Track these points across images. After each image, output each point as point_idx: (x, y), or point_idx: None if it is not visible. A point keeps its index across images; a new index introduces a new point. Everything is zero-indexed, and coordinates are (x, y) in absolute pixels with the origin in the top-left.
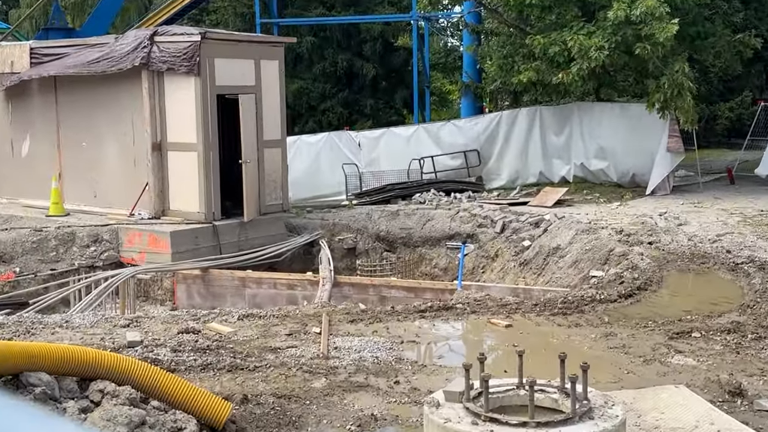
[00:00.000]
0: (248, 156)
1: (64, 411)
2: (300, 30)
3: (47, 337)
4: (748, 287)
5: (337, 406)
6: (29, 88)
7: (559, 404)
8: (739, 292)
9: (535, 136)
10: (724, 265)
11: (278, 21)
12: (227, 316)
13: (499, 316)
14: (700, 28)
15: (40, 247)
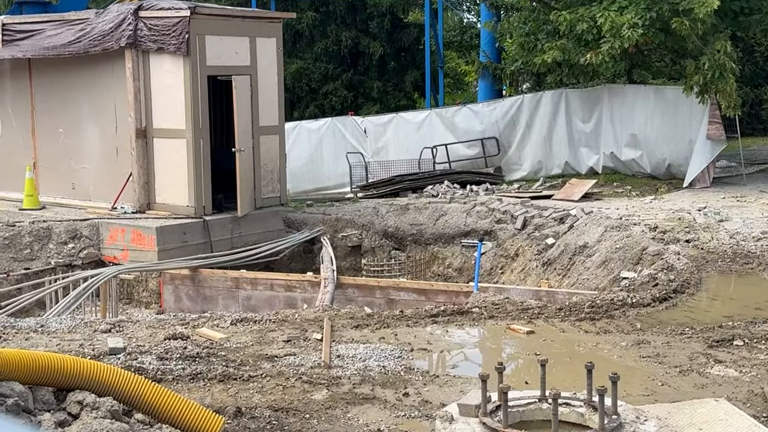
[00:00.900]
0: (242, 144)
1: (39, 424)
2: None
3: (20, 343)
4: None
5: (340, 421)
6: (1, 66)
7: (585, 419)
8: None
9: (561, 122)
10: None
11: None
12: (219, 321)
13: (520, 321)
14: (744, 3)
15: (12, 244)
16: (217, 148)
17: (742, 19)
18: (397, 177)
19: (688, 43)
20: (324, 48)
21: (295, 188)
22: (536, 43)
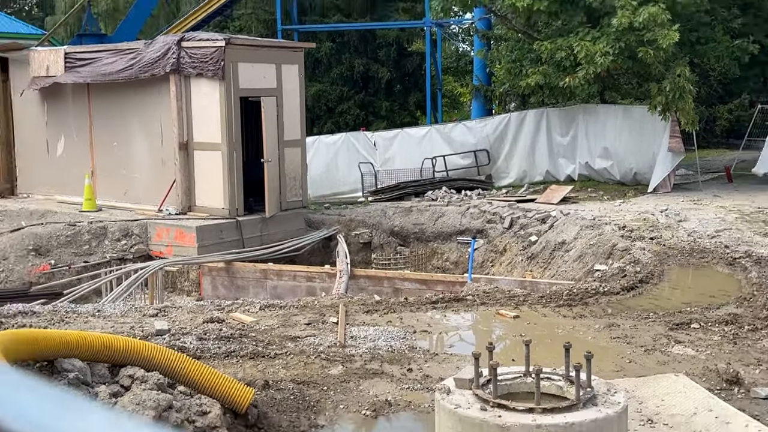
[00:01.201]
0: (270, 155)
1: (96, 395)
2: (319, 36)
3: (80, 325)
4: (745, 281)
5: (353, 392)
6: (64, 90)
7: (564, 391)
8: (736, 286)
9: (542, 136)
10: (722, 260)
11: (298, 27)
12: (250, 307)
13: (507, 307)
14: (701, 34)
15: (74, 241)
16: (248, 159)
17: (698, 47)
18: (402, 183)
19: (652, 69)
20: (339, 73)
21: (315, 193)
22: (521, 69)
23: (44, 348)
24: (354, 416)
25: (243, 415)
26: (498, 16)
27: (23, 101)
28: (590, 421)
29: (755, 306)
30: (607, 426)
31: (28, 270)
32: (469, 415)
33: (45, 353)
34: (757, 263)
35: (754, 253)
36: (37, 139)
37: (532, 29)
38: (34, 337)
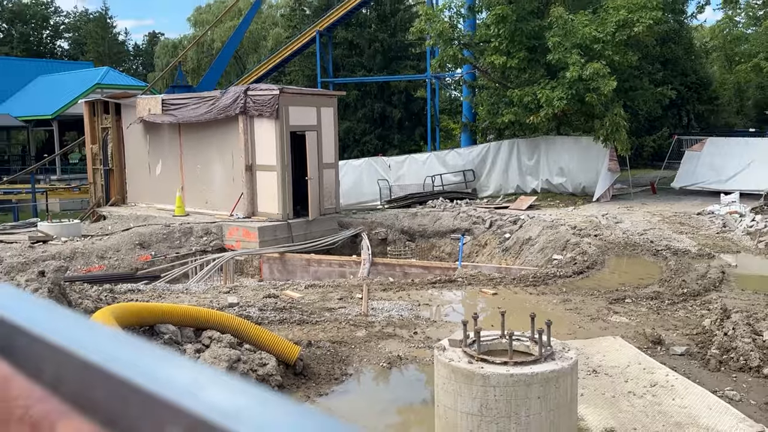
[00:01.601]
0: (312, 174)
1: (185, 351)
2: (348, 86)
3: (173, 300)
4: (666, 267)
5: (373, 349)
6: (161, 127)
7: (530, 349)
8: (658, 271)
9: (514, 159)
10: (648, 251)
11: (333, 80)
12: (297, 286)
13: (488, 287)
14: (632, 83)
15: (168, 237)
16: (296, 177)
17: (631, 93)
18: (409, 195)
19: (595, 109)
20: (363, 114)
21: (345, 202)
22: (498, 110)
23: (146, 316)
24: (374, 367)
25: (292, 366)
26: (480, 71)
27: (132, 135)
28: (549, 372)
29: (673, 286)
30: (562, 375)
31: (135, 259)
32: (459, 366)
33: (147, 320)
34: (675, 254)
35: (672, 246)
36: (142, 162)
37: (506, 80)
38: (139, 309)
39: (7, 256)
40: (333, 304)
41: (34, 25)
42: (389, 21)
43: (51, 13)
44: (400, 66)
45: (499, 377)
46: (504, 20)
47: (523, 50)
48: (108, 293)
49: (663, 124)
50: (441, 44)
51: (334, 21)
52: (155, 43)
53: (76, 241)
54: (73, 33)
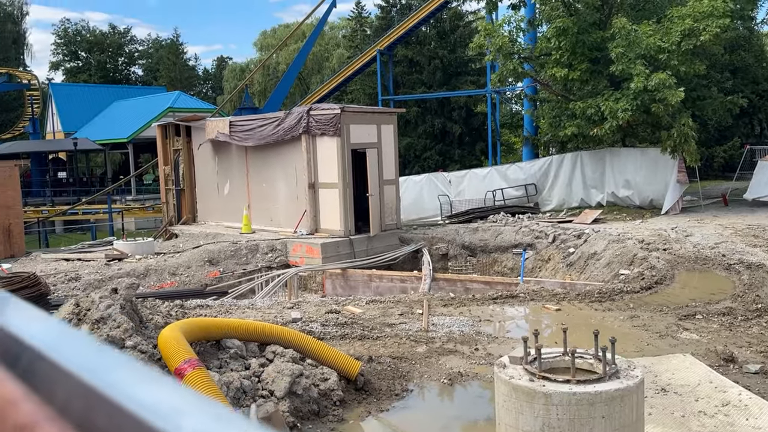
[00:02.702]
0: (373, 191)
1: (249, 366)
2: (408, 103)
3: (239, 315)
4: (739, 282)
5: (434, 365)
6: (229, 147)
7: (594, 367)
8: (731, 285)
9: (577, 173)
10: (720, 265)
11: (393, 97)
12: (358, 301)
13: (551, 302)
14: (700, 92)
15: (235, 254)
16: (357, 194)
17: (699, 103)
18: (470, 210)
19: (662, 120)
20: (424, 130)
21: (406, 218)
22: (560, 123)
23: (213, 331)
24: (435, 383)
25: (353, 381)
26: (541, 84)
27: (201, 156)
28: (614, 390)
29: (746, 301)
30: (627, 394)
31: (204, 275)
32: (520, 384)
33: (213, 335)
34: (748, 268)
35: (745, 260)
36: (211, 182)
37: (568, 93)
38: (206, 324)
39: (84, 274)
40: (394, 319)
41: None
42: (449, 37)
43: (126, 41)
44: (460, 82)
45: (562, 396)
46: (565, 33)
47: (585, 62)
48: (178, 309)
49: (734, 133)
50: (501, 59)
51: (394, 40)
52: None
53: (150, 258)
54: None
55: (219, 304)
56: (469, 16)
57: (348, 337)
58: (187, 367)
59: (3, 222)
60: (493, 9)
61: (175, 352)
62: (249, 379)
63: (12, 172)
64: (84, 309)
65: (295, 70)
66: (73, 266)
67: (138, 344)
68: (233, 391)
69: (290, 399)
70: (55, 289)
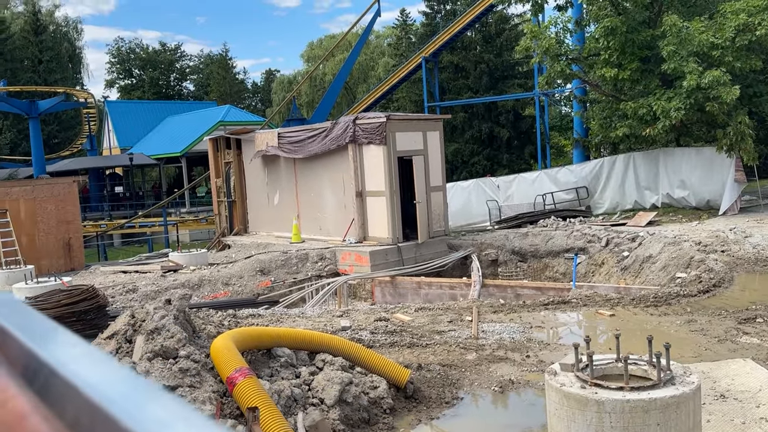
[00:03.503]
0: (420, 198)
1: (299, 374)
2: (455, 108)
3: (290, 324)
4: None
5: (484, 373)
6: (278, 158)
7: (648, 373)
8: None
9: (630, 174)
10: None
11: (440, 104)
12: (407, 309)
13: (605, 308)
14: (756, 89)
15: (286, 263)
16: (404, 201)
17: (756, 99)
18: (519, 215)
19: (717, 118)
20: (470, 135)
21: (455, 224)
22: (611, 124)
23: (264, 340)
24: (486, 391)
25: (403, 389)
26: (590, 85)
27: (252, 168)
28: (669, 397)
29: None
30: (683, 401)
31: (256, 285)
32: (571, 392)
33: (265, 344)
34: None
35: None
36: (261, 193)
37: (619, 93)
38: (258, 333)
39: (141, 285)
40: (443, 326)
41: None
42: (495, 41)
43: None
44: (506, 85)
45: (615, 403)
46: (613, 32)
47: (636, 61)
48: (231, 318)
49: None
50: (548, 61)
51: (439, 46)
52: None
53: (204, 269)
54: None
55: (270, 313)
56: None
57: (397, 344)
58: (238, 376)
59: (63, 236)
60: (539, 11)
61: (226, 362)
62: (299, 387)
63: (71, 188)
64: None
65: (342, 80)
66: (130, 278)
67: (191, 354)
68: (284, 399)
69: (340, 407)
70: (114, 301)
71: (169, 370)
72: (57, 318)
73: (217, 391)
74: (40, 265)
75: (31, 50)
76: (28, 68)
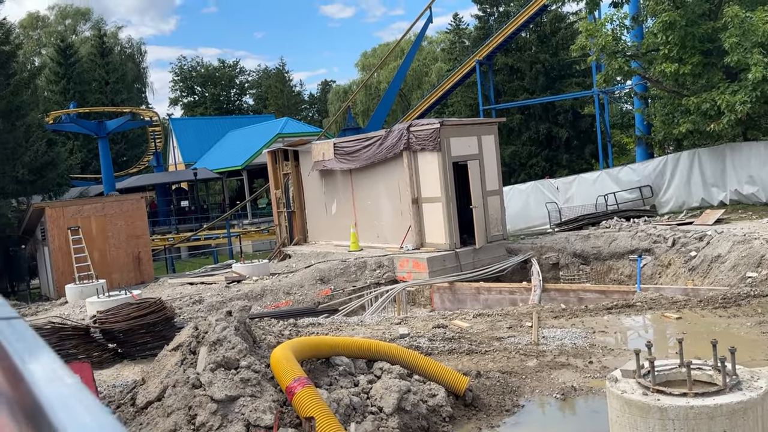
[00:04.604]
0: (476, 202)
1: (358, 383)
2: (511, 110)
3: (349, 332)
4: None
5: (545, 380)
6: (333, 170)
7: (713, 379)
8: None
9: (696, 171)
10: None
11: (495, 106)
12: (465, 315)
13: (671, 311)
14: None
15: (345, 272)
16: (461, 206)
17: None
18: (580, 216)
19: None
20: (528, 137)
21: (513, 227)
22: (673, 120)
23: (322, 349)
24: (547, 398)
25: (461, 397)
26: (651, 81)
27: (309, 178)
28: (735, 403)
29: None
30: (750, 406)
31: (316, 293)
32: (633, 398)
33: (323, 353)
34: None
35: None
36: (319, 203)
37: (681, 88)
38: (316, 343)
39: (207, 296)
40: (502, 333)
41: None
42: (550, 41)
43: (237, 73)
44: (564, 85)
45: (678, 410)
46: (672, 26)
47: (697, 55)
48: (291, 327)
49: None
50: (605, 58)
51: (493, 48)
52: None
53: (266, 279)
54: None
55: (329, 321)
56: (570, 17)
57: (455, 351)
58: (297, 386)
59: (133, 251)
60: (593, 8)
61: (285, 372)
62: (358, 396)
63: (139, 204)
64: (202, 332)
65: (395, 87)
66: (196, 289)
67: (251, 364)
68: (343, 408)
69: (399, 415)
70: (181, 312)
71: (231, 381)
72: (127, 330)
73: (277, 400)
74: (112, 279)
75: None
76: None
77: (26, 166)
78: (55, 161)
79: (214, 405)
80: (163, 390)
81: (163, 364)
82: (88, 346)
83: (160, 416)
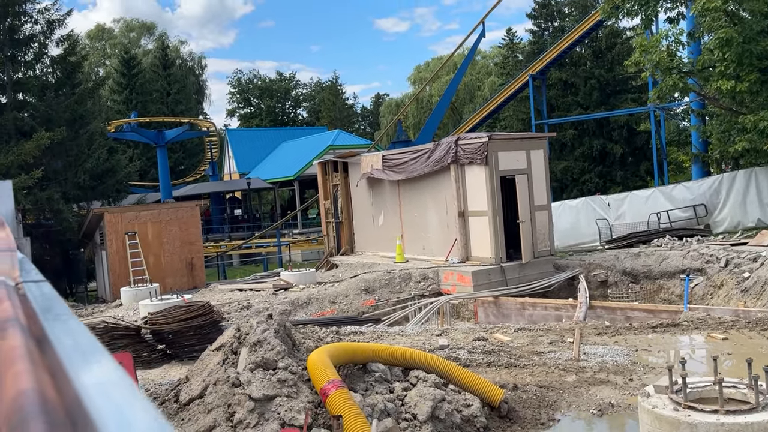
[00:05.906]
0: (523, 217)
1: (393, 389)
2: (564, 125)
3: (389, 341)
4: None
5: (583, 396)
6: (382, 180)
7: (747, 397)
8: None
9: (752, 191)
10: None
11: (547, 121)
12: (506, 329)
13: (717, 331)
14: None
15: (389, 283)
16: (507, 220)
17: None
18: (631, 234)
19: None
20: (581, 152)
21: (562, 244)
22: (729, 137)
23: (359, 355)
24: (583, 413)
25: (496, 408)
26: (707, 98)
27: (357, 190)
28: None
29: None
30: None
31: (361, 303)
32: (663, 414)
33: (359, 359)
34: None
35: None
36: (366, 214)
37: (738, 105)
38: (353, 348)
39: (255, 302)
40: (542, 347)
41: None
42: (605, 56)
43: (292, 86)
44: (619, 100)
45: (708, 426)
46: (729, 43)
47: (755, 72)
48: (334, 334)
49: None
50: (659, 74)
51: (547, 63)
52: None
53: (312, 288)
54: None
55: (371, 330)
56: (627, 32)
57: (494, 364)
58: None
59: (186, 257)
60: (649, 24)
61: (320, 374)
62: (393, 402)
63: (193, 212)
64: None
65: (447, 100)
66: (245, 296)
67: (289, 365)
68: (377, 413)
69: (433, 423)
70: (229, 317)
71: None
72: (176, 332)
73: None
74: (165, 283)
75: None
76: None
77: (87, 173)
78: (115, 168)
79: (252, 403)
80: (204, 388)
81: (206, 363)
82: (138, 345)
83: (201, 412)
